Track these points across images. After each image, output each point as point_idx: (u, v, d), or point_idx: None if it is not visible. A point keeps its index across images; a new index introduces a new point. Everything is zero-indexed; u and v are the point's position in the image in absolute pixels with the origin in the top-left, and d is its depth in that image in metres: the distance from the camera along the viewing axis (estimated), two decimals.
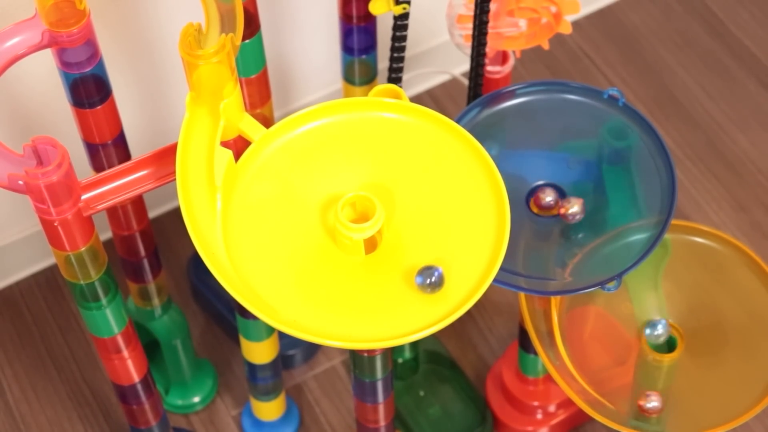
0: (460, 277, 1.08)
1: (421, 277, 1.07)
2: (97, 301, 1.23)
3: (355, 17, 1.42)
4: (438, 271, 1.07)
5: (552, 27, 1.41)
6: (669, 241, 1.42)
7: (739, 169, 1.86)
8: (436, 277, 1.06)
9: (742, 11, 2.02)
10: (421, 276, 1.07)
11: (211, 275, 1.17)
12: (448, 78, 1.94)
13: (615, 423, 1.33)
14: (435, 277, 1.06)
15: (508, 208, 1.10)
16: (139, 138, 1.64)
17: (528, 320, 1.38)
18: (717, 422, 1.32)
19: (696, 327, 1.39)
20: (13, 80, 1.52)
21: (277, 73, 1.75)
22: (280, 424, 1.62)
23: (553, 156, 1.34)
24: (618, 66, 1.96)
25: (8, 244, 1.72)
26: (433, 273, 1.06)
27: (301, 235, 1.11)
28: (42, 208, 1.09)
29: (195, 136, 1.11)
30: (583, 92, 1.35)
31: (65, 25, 1.15)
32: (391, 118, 1.15)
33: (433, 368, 1.66)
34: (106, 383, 1.68)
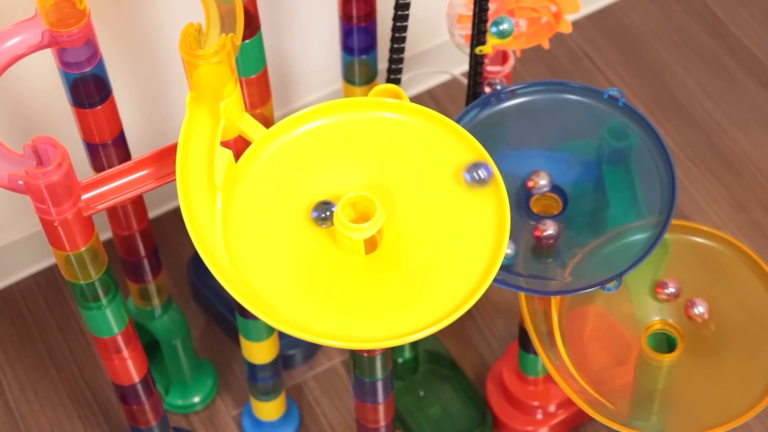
0: (460, 277, 1.08)
1: (468, 173, 1.10)
2: (97, 301, 1.23)
3: (355, 17, 1.42)
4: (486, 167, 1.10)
5: (552, 26, 1.41)
6: (669, 241, 1.42)
7: (739, 169, 1.86)
8: (484, 171, 1.09)
9: (742, 11, 2.02)
10: (468, 173, 1.10)
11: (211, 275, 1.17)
12: (448, 78, 1.94)
13: (615, 423, 1.33)
14: (484, 172, 1.10)
15: (508, 208, 1.10)
16: (139, 138, 1.64)
17: (528, 320, 1.38)
18: (717, 422, 1.32)
19: (696, 327, 1.39)
20: (13, 80, 1.52)
21: (277, 73, 1.75)
22: (280, 424, 1.62)
23: (553, 156, 1.34)
24: (618, 66, 1.96)
25: (8, 244, 1.72)
26: (479, 167, 1.09)
27: (302, 235, 1.11)
28: (42, 208, 1.09)
29: (195, 136, 1.11)
30: (583, 92, 1.35)
31: (65, 25, 1.15)
32: (391, 118, 1.15)
33: (433, 368, 1.66)
34: (106, 383, 1.68)
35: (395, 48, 1.39)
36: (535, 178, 1.31)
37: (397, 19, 1.36)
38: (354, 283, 1.09)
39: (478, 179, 1.10)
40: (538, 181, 1.31)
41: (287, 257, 1.10)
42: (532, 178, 1.31)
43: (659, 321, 1.39)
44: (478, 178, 1.10)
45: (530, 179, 1.31)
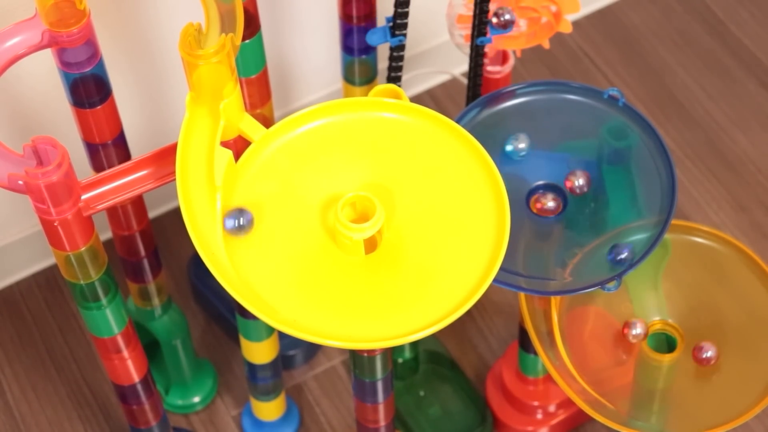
0: (460, 277, 1.08)
1: (230, 219, 1.09)
2: (97, 301, 1.23)
3: (355, 17, 1.42)
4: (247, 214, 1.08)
5: (552, 26, 1.41)
6: (669, 241, 1.42)
7: (739, 169, 1.86)
8: (245, 218, 1.08)
9: (742, 11, 2.02)
10: (230, 218, 1.09)
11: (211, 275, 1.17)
12: (448, 78, 1.94)
13: (615, 423, 1.33)
14: (244, 219, 1.08)
15: (508, 208, 1.10)
16: (139, 138, 1.64)
17: (528, 320, 1.38)
18: (717, 422, 1.32)
19: (696, 327, 1.39)
20: (13, 80, 1.52)
21: (277, 73, 1.75)
22: (280, 424, 1.62)
23: (553, 156, 1.34)
24: (618, 66, 1.96)
25: (8, 244, 1.72)
26: (244, 215, 1.09)
27: (301, 235, 1.11)
28: (42, 208, 1.09)
29: (195, 136, 1.11)
30: (583, 92, 1.35)
31: (65, 25, 1.15)
32: (391, 118, 1.15)
33: (433, 368, 1.66)
34: (106, 383, 1.68)
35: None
36: (572, 178, 1.31)
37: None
38: (354, 283, 1.09)
39: (238, 227, 1.09)
40: (575, 181, 1.31)
41: (287, 257, 1.10)
42: (569, 178, 1.31)
43: (659, 321, 1.39)
44: (237, 225, 1.09)
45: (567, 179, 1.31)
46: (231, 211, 1.09)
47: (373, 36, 1.37)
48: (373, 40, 1.37)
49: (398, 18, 1.37)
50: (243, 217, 1.08)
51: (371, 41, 1.37)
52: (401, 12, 1.36)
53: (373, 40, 1.37)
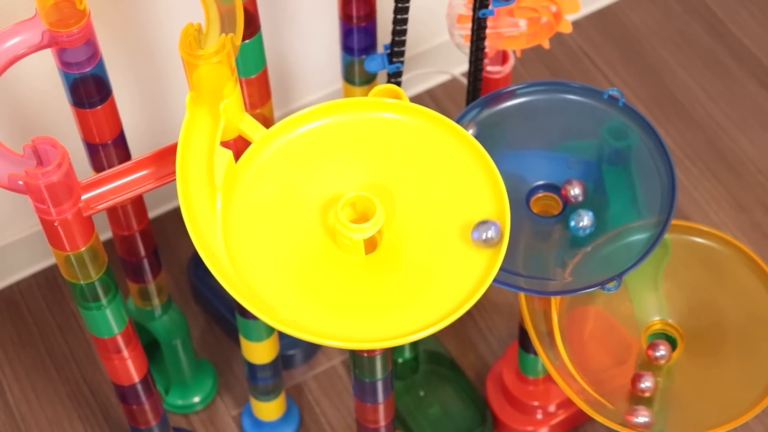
0: (460, 277, 1.07)
1: (477, 232, 1.08)
2: (97, 301, 1.23)
3: (355, 17, 1.42)
4: (495, 225, 1.08)
5: (552, 26, 1.41)
6: (669, 241, 1.42)
7: (739, 169, 1.86)
8: (493, 230, 1.08)
9: (742, 11, 2.02)
10: (477, 231, 1.08)
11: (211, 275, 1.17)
12: (448, 78, 1.94)
13: (615, 423, 1.33)
14: (492, 231, 1.08)
15: (508, 208, 1.10)
16: (139, 138, 1.64)
17: (528, 320, 1.38)
18: (717, 422, 1.32)
19: (696, 327, 1.39)
20: (13, 80, 1.52)
21: (277, 73, 1.75)
22: (280, 424, 1.62)
23: (553, 156, 1.34)
24: (618, 66, 1.96)
25: (8, 244, 1.72)
26: (490, 227, 1.08)
27: (301, 235, 1.11)
28: (42, 208, 1.09)
29: (195, 136, 1.11)
30: (583, 92, 1.35)
31: (65, 25, 1.15)
32: (391, 118, 1.15)
33: (433, 368, 1.66)
34: (106, 383, 1.68)
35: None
36: (567, 187, 1.31)
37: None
38: (354, 283, 1.09)
39: (485, 239, 1.08)
40: (570, 190, 1.31)
41: (287, 257, 1.10)
42: (565, 186, 1.31)
43: (659, 321, 1.40)
44: (485, 238, 1.08)
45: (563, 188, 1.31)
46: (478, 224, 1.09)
47: (371, 63, 1.39)
48: (371, 67, 1.39)
49: (396, 45, 1.37)
50: (492, 228, 1.08)
51: (369, 68, 1.39)
52: (399, 40, 1.37)
53: (371, 67, 1.39)
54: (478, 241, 1.08)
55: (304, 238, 1.11)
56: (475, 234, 1.08)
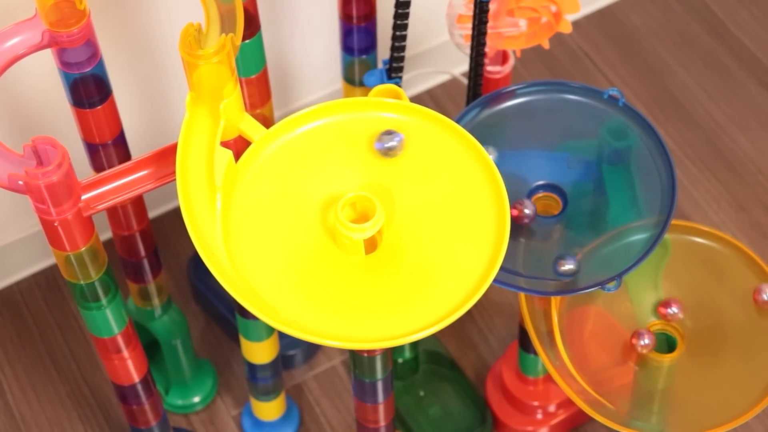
0: (460, 277, 1.08)
1: (380, 143, 1.10)
2: (97, 301, 1.23)
3: (355, 17, 1.42)
4: (399, 136, 1.10)
5: (552, 26, 1.41)
6: (669, 241, 1.42)
7: (739, 169, 1.86)
8: (396, 141, 1.09)
9: (742, 11, 2.02)
10: (380, 142, 1.10)
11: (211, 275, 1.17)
12: (448, 78, 1.94)
13: (615, 423, 1.33)
14: (395, 141, 1.10)
15: (508, 208, 1.10)
16: (139, 138, 1.64)
17: (528, 320, 1.38)
18: (717, 422, 1.32)
19: (696, 327, 1.39)
20: (13, 80, 1.52)
21: (277, 73, 1.75)
22: (280, 424, 1.62)
23: (553, 156, 1.34)
24: (618, 66, 1.96)
25: (8, 244, 1.72)
26: (394, 137, 1.10)
27: (301, 235, 1.11)
28: (42, 208, 1.09)
29: (195, 136, 1.11)
30: (583, 92, 1.35)
31: (65, 25, 1.15)
32: (391, 118, 1.15)
33: (433, 368, 1.66)
34: (106, 383, 1.68)
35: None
36: (519, 207, 1.30)
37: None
38: (354, 283, 1.09)
39: (387, 147, 1.11)
40: (522, 210, 1.31)
41: (287, 257, 1.10)
42: (516, 206, 1.30)
43: (659, 321, 1.39)
44: (386, 145, 1.11)
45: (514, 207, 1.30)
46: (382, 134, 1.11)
47: (370, 78, 1.40)
48: (370, 82, 1.40)
49: (395, 61, 1.38)
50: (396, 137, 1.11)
51: (368, 83, 1.40)
52: (397, 56, 1.37)
53: (370, 81, 1.40)
54: (381, 150, 1.11)
55: (304, 238, 1.11)
56: (377, 144, 1.11)
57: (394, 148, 1.12)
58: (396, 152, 1.12)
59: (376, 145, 1.12)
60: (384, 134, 1.12)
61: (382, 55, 1.55)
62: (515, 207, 1.29)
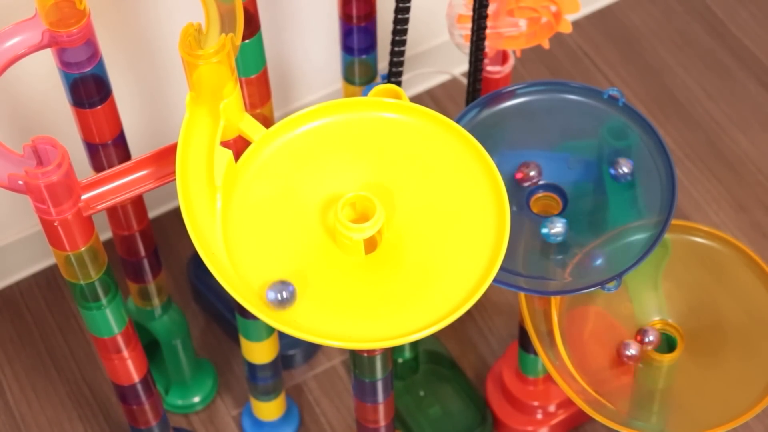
0: (460, 277, 1.08)
1: (272, 291, 1.06)
2: (97, 301, 1.23)
3: (355, 17, 1.42)
4: (290, 287, 1.06)
5: (552, 26, 1.41)
6: (669, 241, 1.42)
7: (739, 169, 1.86)
8: (288, 292, 1.05)
9: (742, 11, 2.02)
10: (272, 290, 1.06)
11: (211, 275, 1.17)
12: (448, 78, 1.94)
13: (615, 423, 1.33)
14: (287, 293, 1.05)
15: (508, 208, 1.10)
16: (139, 138, 1.64)
17: (528, 320, 1.38)
18: (717, 422, 1.32)
19: (696, 327, 1.39)
20: (13, 80, 1.52)
21: (277, 73, 1.75)
22: (280, 424, 1.62)
23: (553, 156, 1.34)
24: (618, 66, 1.96)
25: (8, 244, 1.72)
26: (287, 287, 1.05)
27: (301, 235, 1.11)
28: (42, 208, 1.09)
29: (195, 136, 1.11)
30: (583, 92, 1.35)
31: (65, 25, 1.15)
32: (391, 118, 1.15)
33: (433, 368, 1.66)
34: (106, 383, 1.68)
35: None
36: (524, 170, 1.31)
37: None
38: (354, 283, 1.09)
39: (281, 300, 1.06)
40: (528, 173, 1.31)
41: (287, 257, 1.10)
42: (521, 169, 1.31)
43: (659, 321, 1.40)
44: (280, 298, 1.06)
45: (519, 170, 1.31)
46: (274, 283, 1.06)
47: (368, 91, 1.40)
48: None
49: (393, 77, 1.38)
50: (286, 290, 1.06)
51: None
52: (396, 71, 1.37)
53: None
54: (274, 302, 1.06)
55: (304, 238, 1.11)
56: (269, 294, 1.06)
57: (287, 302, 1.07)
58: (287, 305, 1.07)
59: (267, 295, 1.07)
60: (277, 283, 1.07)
61: (382, 55, 1.55)
62: (520, 170, 1.29)
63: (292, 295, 1.06)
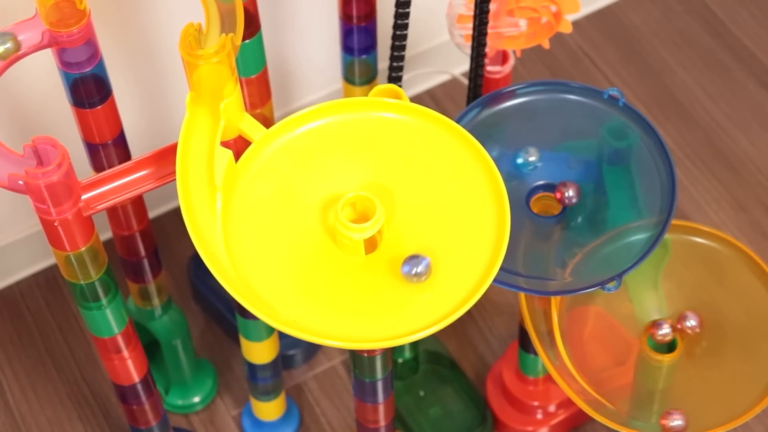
0: (460, 277, 1.07)
1: (407, 266, 1.07)
2: (97, 301, 1.23)
3: (355, 17, 1.42)
4: (425, 260, 1.06)
5: (552, 26, 1.41)
6: (669, 241, 1.42)
7: (739, 169, 1.86)
8: (423, 266, 1.06)
9: (742, 11, 2.02)
10: (407, 265, 1.07)
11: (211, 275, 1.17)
12: (448, 78, 1.94)
13: (615, 423, 1.33)
14: (422, 266, 1.06)
15: (508, 208, 1.10)
16: (139, 138, 1.64)
17: (528, 320, 1.38)
18: (717, 422, 1.32)
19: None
20: (13, 80, 1.52)
21: (277, 73, 1.75)
22: (280, 424, 1.62)
23: (553, 156, 1.34)
24: (618, 66, 1.96)
25: (8, 244, 1.72)
26: (420, 262, 1.06)
27: (301, 235, 1.11)
28: (42, 208, 1.09)
29: (195, 136, 1.11)
30: (583, 92, 1.35)
31: (65, 25, 1.15)
32: (391, 118, 1.15)
33: (433, 368, 1.66)
34: (106, 383, 1.68)
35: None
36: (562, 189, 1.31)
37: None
38: (354, 283, 1.09)
39: (415, 273, 1.07)
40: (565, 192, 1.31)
41: (287, 257, 1.10)
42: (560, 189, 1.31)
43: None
44: (415, 272, 1.07)
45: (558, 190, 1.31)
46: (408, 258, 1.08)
47: None
48: None
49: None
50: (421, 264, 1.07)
51: None
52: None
53: None
54: (408, 275, 1.07)
55: (304, 238, 1.11)
56: (405, 268, 1.07)
57: (421, 274, 1.08)
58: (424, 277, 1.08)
59: (402, 269, 1.08)
60: (411, 258, 1.08)
61: (382, 55, 1.55)
62: (558, 190, 1.30)
63: (427, 268, 1.07)
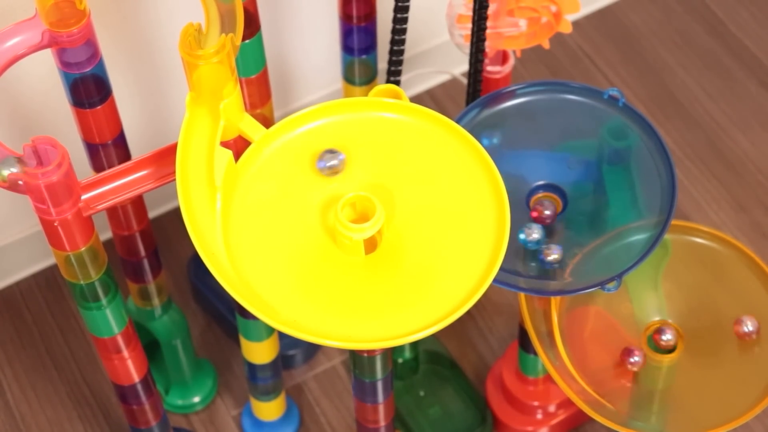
0: (460, 277, 1.08)
1: (322, 162, 1.10)
2: (97, 301, 1.23)
3: (355, 17, 1.42)
4: (341, 156, 1.10)
5: (552, 26, 1.41)
6: (669, 242, 1.42)
7: (739, 169, 1.86)
8: (338, 160, 1.09)
9: (742, 11, 2.02)
10: (322, 161, 1.10)
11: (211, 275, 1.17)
12: (448, 78, 1.94)
13: (614, 423, 1.33)
14: (337, 160, 1.09)
15: (508, 208, 1.10)
16: (139, 138, 1.64)
17: (528, 320, 1.38)
18: (717, 422, 1.32)
19: (696, 327, 1.39)
20: (13, 80, 1.52)
21: (277, 73, 1.75)
22: (280, 424, 1.62)
23: (553, 156, 1.34)
24: (618, 66, 1.96)
25: (8, 244, 1.72)
26: (336, 156, 1.10)
27: (301, 235, 1.11)
28: (42, 208, 1.09)
29: (195, 136, 1.11)
30: (583, 92, 1.35)
31: (65, 25, 1.15)
32: (391, 118, 1.15)
33: (433, 368, 1.66)
34: (106, 383, 1.68)
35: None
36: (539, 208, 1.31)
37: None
38: (354, 283, 1.09)
39: (329, 166, 1.11)
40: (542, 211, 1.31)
41: (287, 257, 1.10)
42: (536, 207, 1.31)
43: (659, 321, 1.39)
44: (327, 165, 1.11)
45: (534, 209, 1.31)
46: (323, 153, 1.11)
47: None
48: None
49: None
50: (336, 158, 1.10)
51: None
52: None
53: None
54: (324, 169, 1.11)
55: (304, 238, 1.11)
56: (320, 163, 1.11)
57: (335, 167, 1.11)
58: (338, 170, 1.12)
59: (318, 164, 1.12)
60: (326, 152, 1.12)
61: (382, 55, 1.55)
62: (535, 209, 1.30)
63: (341, 162, 1.09)
